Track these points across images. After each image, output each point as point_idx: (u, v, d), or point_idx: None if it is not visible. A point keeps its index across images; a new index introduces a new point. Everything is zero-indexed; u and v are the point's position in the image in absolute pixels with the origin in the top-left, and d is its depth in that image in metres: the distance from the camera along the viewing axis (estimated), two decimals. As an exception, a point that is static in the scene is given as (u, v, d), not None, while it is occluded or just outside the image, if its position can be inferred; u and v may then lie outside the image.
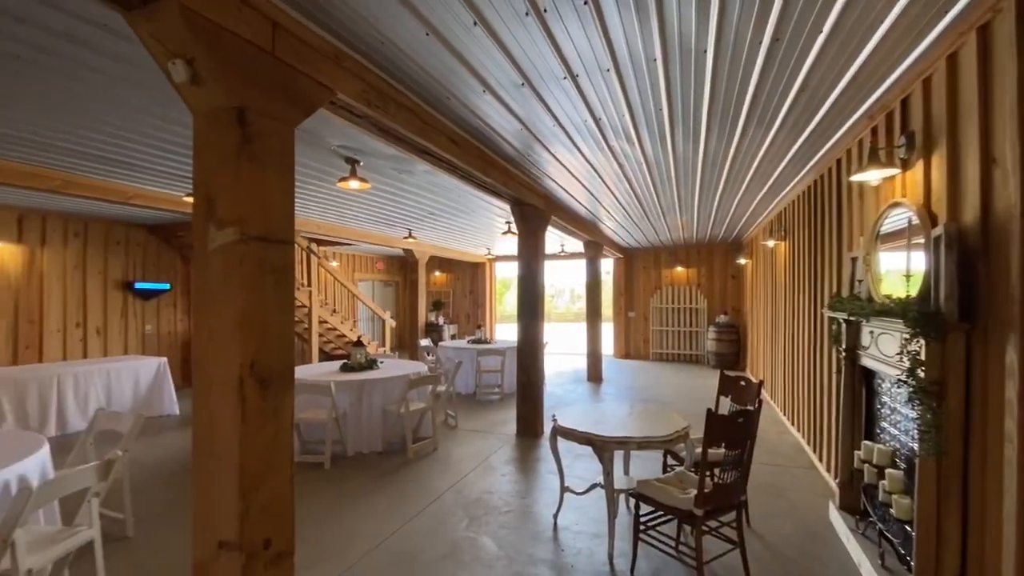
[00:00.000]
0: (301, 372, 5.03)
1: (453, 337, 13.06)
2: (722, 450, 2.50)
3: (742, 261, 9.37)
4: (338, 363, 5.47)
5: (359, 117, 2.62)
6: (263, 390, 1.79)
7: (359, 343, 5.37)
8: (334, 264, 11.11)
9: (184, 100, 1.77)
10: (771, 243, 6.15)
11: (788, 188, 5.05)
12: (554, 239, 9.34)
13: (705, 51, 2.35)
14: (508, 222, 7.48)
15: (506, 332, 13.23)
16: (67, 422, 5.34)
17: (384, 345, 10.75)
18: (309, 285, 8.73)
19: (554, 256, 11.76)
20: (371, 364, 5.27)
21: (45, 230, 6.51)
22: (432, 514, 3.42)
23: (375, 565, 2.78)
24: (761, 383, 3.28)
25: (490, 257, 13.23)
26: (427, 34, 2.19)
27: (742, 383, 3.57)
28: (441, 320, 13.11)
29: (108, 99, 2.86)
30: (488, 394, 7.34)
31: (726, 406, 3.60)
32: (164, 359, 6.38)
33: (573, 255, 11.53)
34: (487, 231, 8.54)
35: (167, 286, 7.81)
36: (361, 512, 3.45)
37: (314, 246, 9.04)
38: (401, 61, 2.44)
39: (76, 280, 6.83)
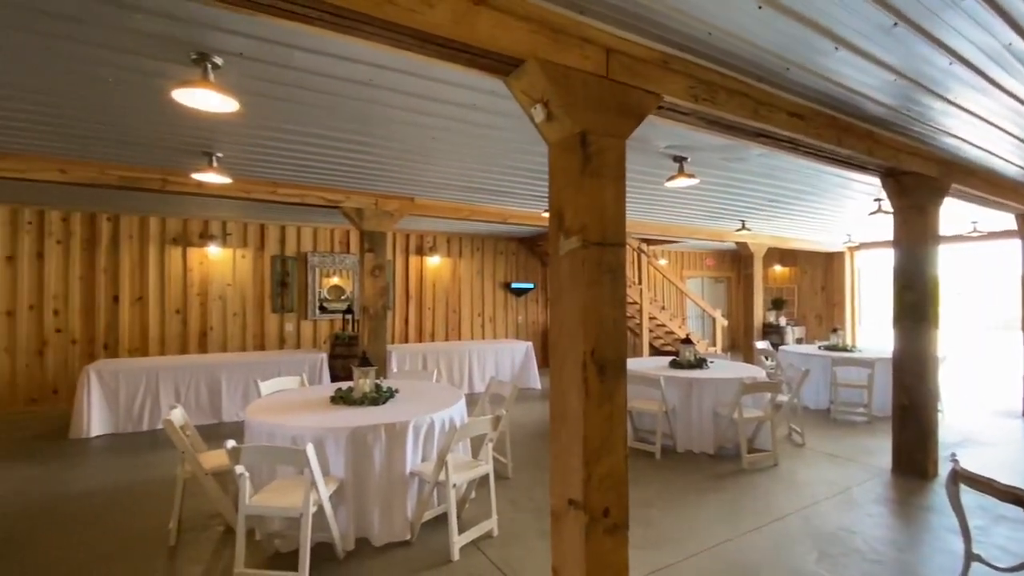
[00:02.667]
0: (633, 364, 5.37)
1: (799, 341, 11.32)
2: None
3: None
4: (667, 359, 5.59)
5: (685, 114, 2.62)
6: (601, 374, 2.04)
7: (688, 340, 5.33)
8: (663, 262, 11.35)
9: (541, 135, 2.19)
10: None
11: None
12: (957, 214, 6.89)
13: None
14: (878, 200, 5.97)
15: (875, 338, 10.56)
16: (473, 384, 7.33)
17: (715, 345, 10.28)
18: (640, 283, 9.21)
19: (956, 238, 8.67)
20: (700, 363, 5.15)
21: (460, 247, 9.12)
22: (772, 535, 3.10)
23: (707, 568, 2.73)
24: None
25: (850, 245, 10.82)
26: (759, 7, 2.01)
27: None
28: (782, 321, 11.56)
29: (495, 146, 3.79)
30: (848, 413, 6.05)
31: None
32: (530, 343, 7.98)
33: (994, 235, 8.21)
34: (845, 213, 7.03)
35: (532, 285, 9.71)
36: (691, 510, 3.43)
37: (644, 246, 9.47)
38: (730, 45, 2.31)
39: (477, 282, 9.29)
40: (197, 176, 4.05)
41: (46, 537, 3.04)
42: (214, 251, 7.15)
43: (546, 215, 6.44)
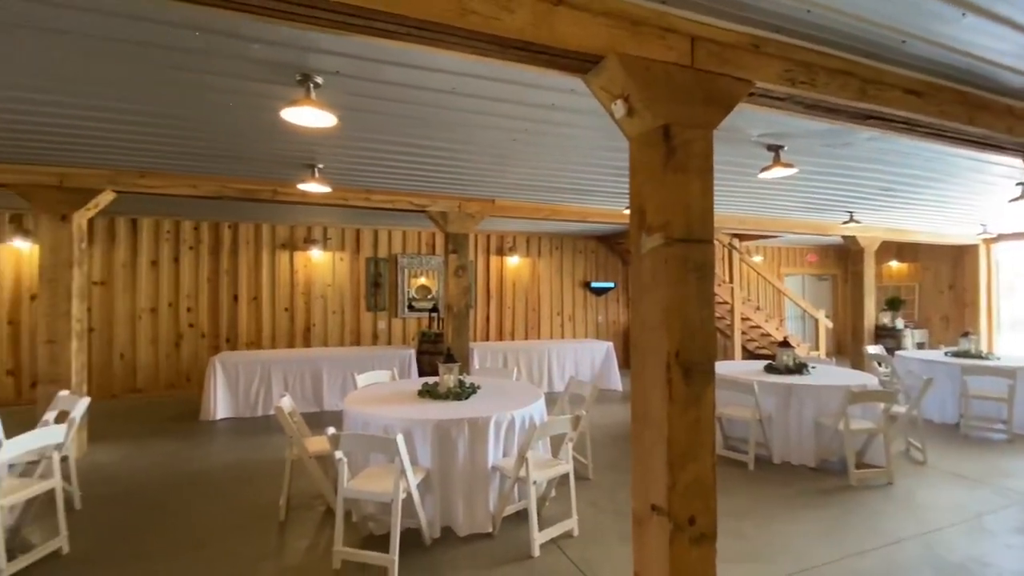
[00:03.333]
0: (723, 367, 5.09)
1: (920, 346, 10.05)
2: None
3: None
4: (762, 363, 5.23)
5: (780, 100, 2.44)
6: (686, 377, 1.96)
7: (785, 344, 4.95)
8: (757, 259, 10.60)
9: (621, 130, 2.15)
10: None
11: None
12: None
13: None
14: (1021, 184, 5.14)
15: (1018, 344, 9.10)
16: (552, 383, 7.34)
17: (817, 348, 9.43)
18: (731, 281, 8.69)
19: None
20: (800, 368, 4.76)
21: (539, 246, 9.17)
22: (885, 559, 2.79)
23: (806, 588, 2.53)
24: None
25: (986, 237, 9.41)
26: (868, -23, 1.82)
27: None
28: (899, 323, 10.31)
29: (574, 144, 3.78)
30: (982, 429, 5.28)
31: None
32: (610, 343, 7.83)
33: None
34: (979, 201, 6.13)
35: (612, 284, 9.52)
36: (788, 525, 3.19)
37: (735, 241, 8.93)
38: (832, 21, 2.12)
39: (556, 281, 9.29)
40: (302, 186, 4.45)
41: (183, 505, 3.51)
42: (316, 254, 7.81)
43: (627, 212, 6.29)
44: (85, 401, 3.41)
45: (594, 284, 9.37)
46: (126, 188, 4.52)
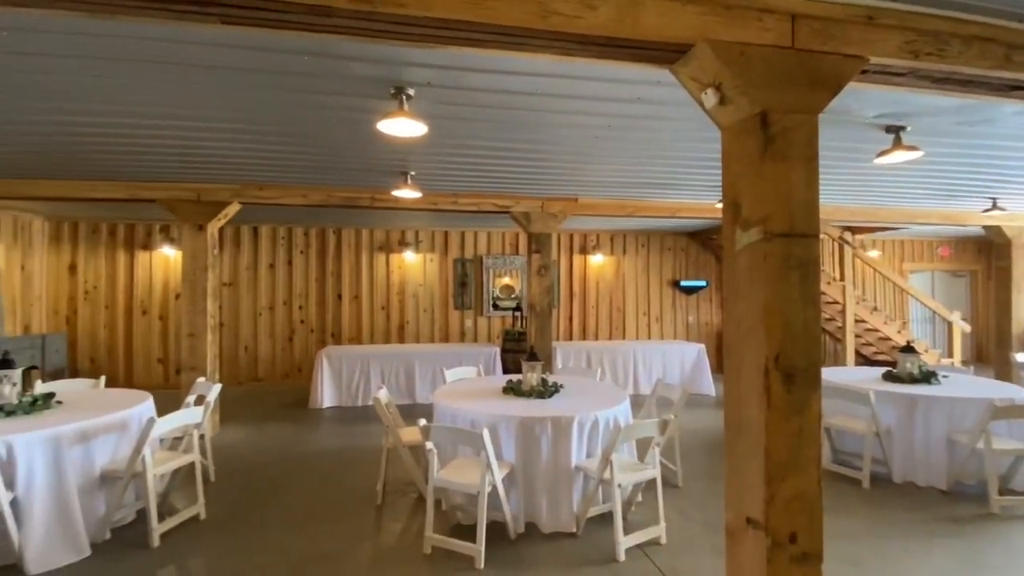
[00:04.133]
0: (832, 374, 4.64)
1: (1092, 355, 8.38)
2: None
3: None
4: (879, 370, 4.69)
5: (900, 75, 2.17)
6: (788, 383, 1.82)
7: (909, 349, 4.39)
8: (873, 254, 9.50)
9: (713, 120, 2.04)
10: None
11: None
12: None
13: None
14: None
15: None
16: (638, 386, 7.13)
17: (950, 355, 8.24)
18: (842, 279, 7.89)
19: None
20: (927, 376, 4.19)
21: (624, 244, 8.95)
22: (1040, 604, 2.39)
23: (934, 627, 2.24)
24: None
25: None
26: (1014, -75, 1.57)
27: None
28: (1064, 327, 8.69)
29: (661, 137, 3.65)
30: None
31: None
32: (702, 346, 7.44)
33: None
34: None
35: (704, 283, 9.03)
36: (912, 554, 2.83)
37: (847, 235, 8.09)
38: (967, -19, 1.85)
39: (643, 280, 9.01)
40: (396, 193, 4.75)
41: (296, 483, 3.89)
42: (409, 256, 8.27)
43: (720, 206, 5.94)
44: (218, 387, 3.90)
45: (684, 283, 8.96)
46: (249, 200, 5.11)
